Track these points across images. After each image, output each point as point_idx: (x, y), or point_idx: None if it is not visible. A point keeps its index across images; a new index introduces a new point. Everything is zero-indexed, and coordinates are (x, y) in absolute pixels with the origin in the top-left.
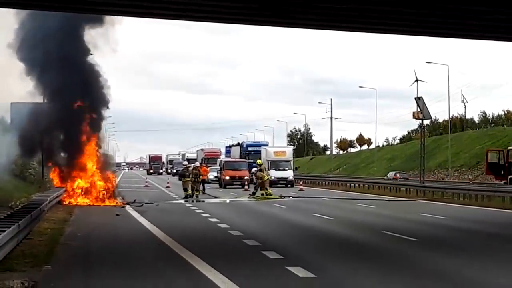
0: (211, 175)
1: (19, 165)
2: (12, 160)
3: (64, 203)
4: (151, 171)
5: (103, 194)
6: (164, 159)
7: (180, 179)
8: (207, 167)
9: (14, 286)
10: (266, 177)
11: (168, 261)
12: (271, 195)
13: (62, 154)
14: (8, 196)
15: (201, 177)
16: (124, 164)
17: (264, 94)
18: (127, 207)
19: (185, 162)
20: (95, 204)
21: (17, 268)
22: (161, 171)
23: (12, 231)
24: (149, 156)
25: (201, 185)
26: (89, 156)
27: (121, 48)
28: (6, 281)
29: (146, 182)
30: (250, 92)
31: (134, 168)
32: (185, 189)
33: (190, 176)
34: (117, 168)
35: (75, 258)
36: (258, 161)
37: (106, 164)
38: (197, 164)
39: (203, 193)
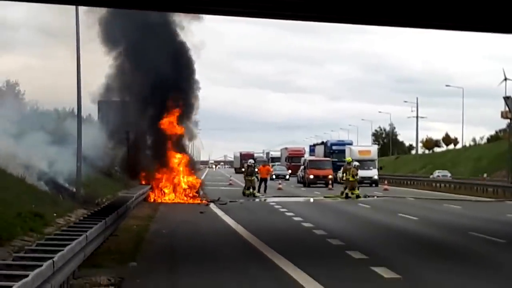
0: (279, 172)
1: (106, 162)
2: (99, 157)
3: (150, 200)
4: (243, 169)
5: (188, 192)
6: None
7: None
8: (270, 166)
9: (101, 282)
10: (348, 177)
11: (252, 259)
12: (356, 195)
13: (148, 152)
14: (95, 193)
15: (259, 175)
16: (212, 162)
17: (348, 92)
18: (211, 205)
19: (251, 161)
20: (180, 201)
21: (104, 265)
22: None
23: (99, 228)
24: (240, 153)
25: (262, 184)
26: (175, 154)
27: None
28: (93, 277)
29: (230, 180)
30: (333, 90)
31: (218, 166)
32: (248, 188)
33: (246, 173)
34: (202, 166)
35: (160, 255)
36: (348, 159)
37: (191, 162)
38: (251, 161)
39: (264, 192)
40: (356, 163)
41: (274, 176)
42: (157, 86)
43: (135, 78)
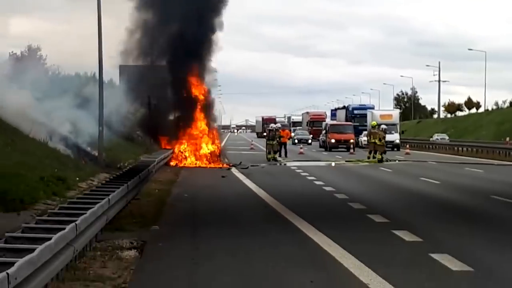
0: (301, 136)
1: (128, 127)
2: (121, 122)
3: (172, 164)
4: (264, 134)
5: (209, 156)
6: None
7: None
8: (290, 130)
9: (123, 245)
10: (374, 141)
11: (273, 223)
12: (376, 159)
13: (170, 117)
14: (117, 158)
15: (281, 139)
16: (234, 126)
17: (369, 56)
18: (233, 169)
19: (272, 125)
20: (201, 166)
21: (126, 228)
22: None
23: (122, 191)
24: (262, 118)
25: (282, 148)
26: (197, 118)
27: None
28: (115, 240)
29: (252, 144)
30: (355, 54)
31: (240, 130)
32: (269, 152)
33: (268, 138)
34: (223, 130)
35: (182, 218)
36: (372, 123)
37: (213, 126)
38: (274, 125)
39: (285, 156)
40: (384, 126)
41: (296, 141)
42: (179, 47)
43: (156, 40)
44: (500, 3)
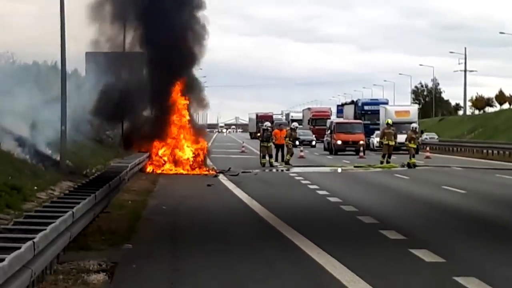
0: (304, 137)
1: (95, 126)
2: (87, 119)
3: (147, 171)
4: (259, 134)
5: (193, 161)
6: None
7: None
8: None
9: (90, 267)
10: (388, 142)
11: (269, 241)
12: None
13: (146, 114)
14: (83, 163)
15: (275, 141)
16: (222, 125)
17: (383, 42)
18: (221, 176)
19: (266, 124)
20: (183, 172)
21: (94, 247)
22: None
23: (88, 203)
24: (257, 115)
25: (279, 152)
26: (178, 116)
27: None
28: (81, 262)
29: (243, 147)
30: (366, 39)
31: (229, 130)
32: (264, 156)
33: (261, 138)
34: (209, 130)
35: (160, 235)
36: (388, 121)
37: (196, 126)
38: (267, 124)
39: (282, 160)
40: (415, 125)
41: (297, 142)
42: (154, 29)
43: (129, 21)
44: None
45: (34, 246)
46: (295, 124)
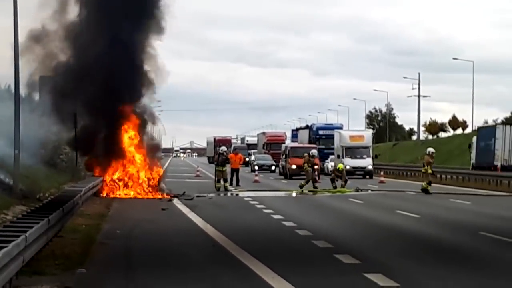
0: (262, 162)
1: (49, 149)
2: (41, 143)
3: (102, 195)
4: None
5: (147, 185)
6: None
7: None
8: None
9: None
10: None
11: (224, 266)
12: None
13: (99, 137)
14: (36, 187)
15: (231, 165)
16: (178, 149)
17: (337, 67)
18: (175, 201)
19: (223, 148)
20: (137, 196)
21: (47, 271)
22: None
23: (41, 228)
24: (215, 139)
25: (234, 175)
26: (131, 140)
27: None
28: (34, 287)
29: (197, 171)
30: (320, 64)
31: (185, 155)
32: (219, 180)
33: (217, 163)
34: (164, 154)
35: (114, 260)
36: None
37: (151, 150)
38: (223, 149)
39: (237, 185)
40: (431, 149)
41: (256, 167)
42: (108, 55)
43: (81, 45)
44: (488, 4)
45: None
46: (314, 151)
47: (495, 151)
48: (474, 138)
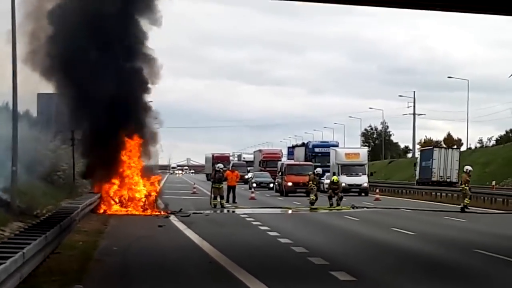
0: (261, 179)
1: (46, 166)
2: (38, 160)
3: (99, 211)
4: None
5: (144, 202)
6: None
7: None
8: (236, 171)
9: None
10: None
11: (220, 283)
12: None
13: (97, 154)
14: (34, 203)
15: (226, 182)
16: (175, 166)
17: (333, 85)
18: (172, 217)
19: (219, 165)
20: (134, 213)
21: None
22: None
23: (39, 244)
24: (213, 156)
25: (230, 192)
26: (129, 157)
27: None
28: None
29: (194, 188)
30: (316, 82)
31: (181, 173)
32: (215, 197)
33: (214, 180)
34: (161, 171)
35: (111, 276)
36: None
37: (148, 167)
38: (220, 166)
39: (233, 202)
40: (469, 167)
41: (254, 184)
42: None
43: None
44: (484, 23)
45: None
46: (319, 170)
47: (432, 169)
48: (418, 158)
